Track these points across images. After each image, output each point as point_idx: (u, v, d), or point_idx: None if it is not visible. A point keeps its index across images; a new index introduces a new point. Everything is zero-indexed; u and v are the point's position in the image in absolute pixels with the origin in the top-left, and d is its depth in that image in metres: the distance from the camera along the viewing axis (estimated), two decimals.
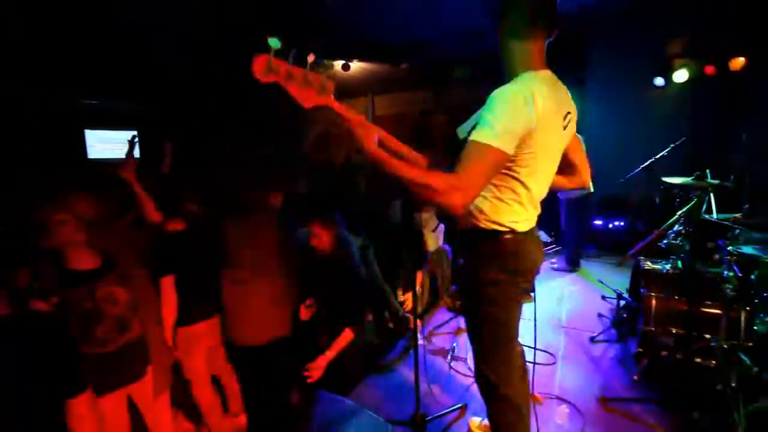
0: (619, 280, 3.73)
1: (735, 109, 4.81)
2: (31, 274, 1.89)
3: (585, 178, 1.71)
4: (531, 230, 1.51)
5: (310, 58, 1.25)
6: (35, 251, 1.95)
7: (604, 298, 3.68)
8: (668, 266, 2.76)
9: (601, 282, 3.90)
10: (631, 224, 5.16)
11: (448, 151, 1.50)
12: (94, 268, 1.92)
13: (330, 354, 2.21)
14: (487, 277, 1.46)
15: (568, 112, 1.43)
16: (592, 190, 4.21)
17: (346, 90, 9.48)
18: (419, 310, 3.53)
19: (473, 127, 1.27)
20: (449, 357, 2.87)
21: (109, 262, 1.98)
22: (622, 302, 3.16)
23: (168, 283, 2.33)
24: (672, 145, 3.66)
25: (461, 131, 1.49)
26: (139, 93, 7.58)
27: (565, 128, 1.42)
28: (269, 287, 2.57)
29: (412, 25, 5.53)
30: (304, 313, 2.36)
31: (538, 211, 1.53)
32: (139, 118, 8.64)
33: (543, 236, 5.65)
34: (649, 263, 2.84)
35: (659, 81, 5.16)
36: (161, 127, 8.62)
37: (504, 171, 1.35)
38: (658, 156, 3.67)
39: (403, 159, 1.39)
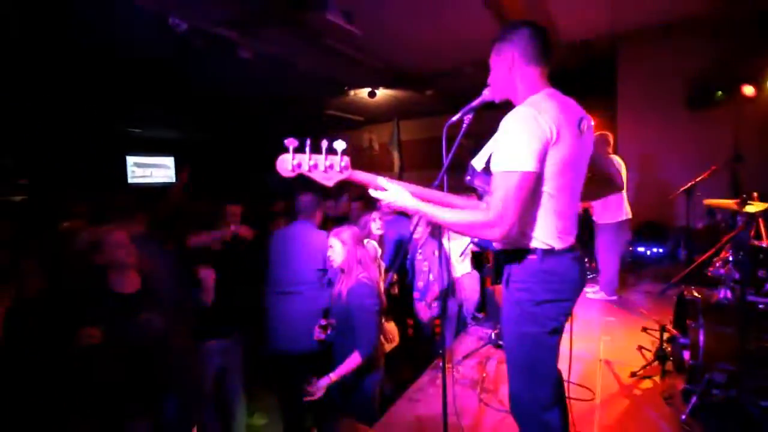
0: (660, 311, 3.51)
1: None
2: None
3: (618, 181, 1.72)
4: (571, 247, 1.48)
5: (324, 144, 1.39)
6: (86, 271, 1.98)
7: (644, 329, 3.45)
8: (717, 296, 2.58)
9: (642, 312, 3.68)
10: (672, 251, 4.90)
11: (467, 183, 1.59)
12: (136, 291, 1.94)
13: (334, 376, 2.14)
14: (530, 297, 1.44)
15: (581, 117, 1.45)
16: (630, 216, 4.07)
17: (373, 116, 9.70)
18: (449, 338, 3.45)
19: (490, 157, 1.34)
20: (479, 388, 2.74)
21: (149, 285, 2.00)
22: (666, 334, 2.95)
23: None
24: (713, 168, 3.49)
25: (476, 162, 1.53)
26: (178, 121, 8.01)
27: (582, 133, 1.43)
28: (306, 300, 2.64)
29: (437, 53, 5.65)
30: (318, 332, 2.32)
31: (576, 228, 1.50)
32: (177, 145, 9.15)
33: None
34: (694, 293, 2.66)
35: (696, 103, 4.99)
36: (197, 154, 9.07)
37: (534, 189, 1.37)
38: (699, 179, 3.50)
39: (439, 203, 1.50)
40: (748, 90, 4.55)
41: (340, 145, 1.39)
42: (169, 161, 9.47)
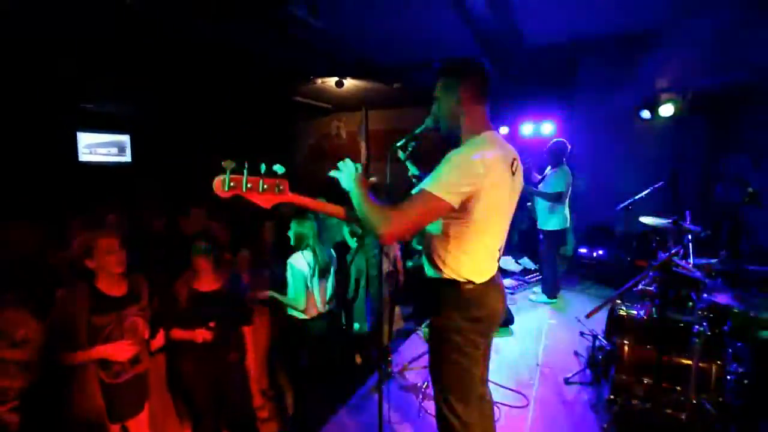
0: (597, 317, 3.73)
1: (718, 145, 4.88)
2: None
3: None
4: (491, 279, 1.59)
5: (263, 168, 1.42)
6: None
7: (582, 334, 3.66)
8: (642, 312, 2.76)
9: (578, 320, 3.88)
10: (616, 254, 5.18)
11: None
12: (122, 295, 1.99)
13: None
14: (450, 324, 1.55)
15: (514, 158, 1.56)
16: (567, 225, 4.27)
17: (341, 104, 9.51)
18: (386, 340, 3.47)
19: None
20: (420, 395, 2.84)
21: (135, 291, 2.05)
22: (598, 343, 3.14)
23: None
24: (650, 189, 3.71)
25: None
26: (134, 97, 7.44)
27: (513, 174, 1.54)
28: None
29: (406, 47, 5.57)
30: None
31: (497, 261, 1.62)
32: (133, 122, 8.49)
33: (528, 263, 5.64)
34: (623, 308, 2.84)
35: (646, 114, 5.21)
36: (154, 132, 8.51)
37: (463, 225, 1.46)
38: (636, 197, 3.71)
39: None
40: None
41: (279, 168, 1.46)
42: (125, 139, 8.82)
